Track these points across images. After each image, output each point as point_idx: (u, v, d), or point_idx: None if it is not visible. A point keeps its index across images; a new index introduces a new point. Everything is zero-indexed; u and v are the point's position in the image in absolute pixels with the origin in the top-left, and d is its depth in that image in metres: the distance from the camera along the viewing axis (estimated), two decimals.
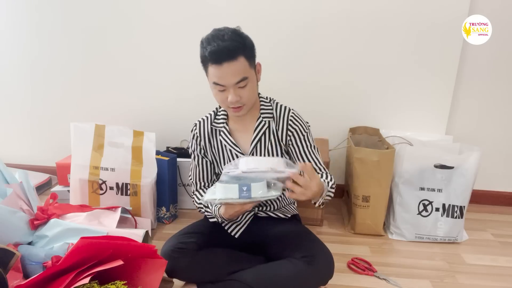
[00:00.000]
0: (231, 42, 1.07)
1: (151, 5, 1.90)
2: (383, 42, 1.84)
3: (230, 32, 1.10)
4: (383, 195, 1.64)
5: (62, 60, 2.04)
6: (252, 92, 1.17)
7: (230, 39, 1.08)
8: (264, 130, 1.27)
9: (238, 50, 1.08)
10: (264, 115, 1.27)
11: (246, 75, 1.12)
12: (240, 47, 1.09)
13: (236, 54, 1.08)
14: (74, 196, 1.71)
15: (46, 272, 1.02)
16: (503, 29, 1.77)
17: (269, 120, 1.27)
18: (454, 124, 1.94)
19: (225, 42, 1.07)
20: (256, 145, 1.27)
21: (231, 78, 1.11)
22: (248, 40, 1.14)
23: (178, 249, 1.21)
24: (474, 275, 1.44)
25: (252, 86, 1.16)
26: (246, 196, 1.03)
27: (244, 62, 1.11)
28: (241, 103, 1.16)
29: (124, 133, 1.67)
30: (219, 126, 1.30)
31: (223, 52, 1.07)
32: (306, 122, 1.30)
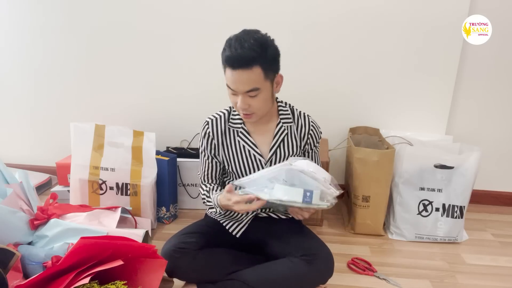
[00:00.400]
0: (249, 51, 1.06)
1: (151, 5, 1.90)
2: (383, 42, 1.84)
3: (253, 40, 1.08)
4: (383, 195, 1.64)
5: (62, 61, 2.04)
6: (263, 103, 1.15)
7: (249, 47, 1.07)
8: (284, 136, 1.28)
9: (254, 60, 1.07)
10: (284, 121, 1.28)
11: (258, 86, 1.11)
12: (256, 57, 1.07)
13: (251, 64, 1.07)
14: (74, 196, 1.71)
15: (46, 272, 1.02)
16: (503, 29, 1.77)
17: (289, 126, 1.28)
18: (454, 124, 1.95)
19: (243, 49, 1.07)
20: (276, 150, 1.28)
21: (242, 86, 1.11)
22: (271, 51, 1.12)
23: (179, 249, 1.21)
24: (474, 275, 1.44)
25: (264, 97, 1.15)
26: (308, 201, 1.06)
27: (259, 73, 1.09)
28: (250, 111, 1.16)
29: (124, 133, 1.67)
30: (236, 127, 1.28)
31: (238, 60, 1.07)
32: (320, 131, 1.34)
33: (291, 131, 1.29)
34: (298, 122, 1.29)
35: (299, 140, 1.29)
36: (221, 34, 1.88)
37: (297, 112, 1.31)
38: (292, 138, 1.29)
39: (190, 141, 2.05)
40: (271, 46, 1.13)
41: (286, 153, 1.29)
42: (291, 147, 1.29)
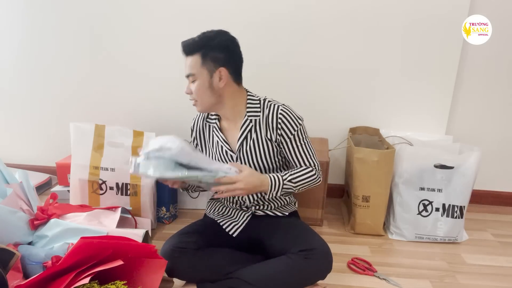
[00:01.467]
0: (194, 40, 1.21)
1: (151, 5, 1.90)
2: (383, 42, 1.84)
3: (202, 34, 1.22)
4: (383, 195, 1.64)
5: (62, 60, 2.04)
6: (200, 91, 1.24)
7: (197, 38, 1.22)
8: (249, 128, 1.29)
9: (195, 47, 1.20)
10: (250, 114, 1.29)
11: (194, 72, 1.22)
12: (199, 45, 1.20)
13: (192, 51, 1.21)
14: (74, 196, 1.71)
15: (46, 272, 1.02)
16: (503, 29, 1.77)
17: (255, 119, 1.28)
18: (454, 124, 1.95)
19: (191, 39, 1.22)
20: (242, 142, 1.30)
21: (185, 70, 1.25)
22: (217, 42, 1.21)
23: (178, 248, 1.21)
24: (474, 275, 1.44)
25: (200, 85, 1.23)
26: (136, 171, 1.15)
27: (197, 60, 1.21)
28: (193, 98, 1.27)
29: (124, 133, 1.67)
30: (211, 122, 1.36)
31: (185, 47, 1.23)
32: (299, 117, 1.28)
33: (257, 123, 1.28)
34: (265, 112, 1.27)
35: (268, 131, 1.27)
36: None
37: (267, 103, 1.28)
38: (259, 130, 1.28)
39: (190, 141, 2.04)
40: (216, 40, 1.21)
41: (255, 145, 1.29)
42: (258, 140, 1.28)
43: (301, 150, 1.29)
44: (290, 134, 1.27)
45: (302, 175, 1.26)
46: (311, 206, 1.74)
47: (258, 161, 1.30)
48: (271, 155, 1.30)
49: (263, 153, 1.29)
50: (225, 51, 1.21)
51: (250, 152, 1.29)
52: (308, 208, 1.74)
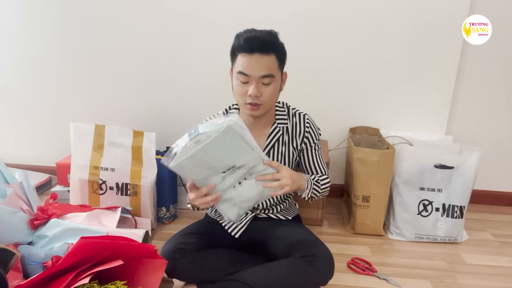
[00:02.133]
0: (267, 35, 1.11)
1: (151, 5, 1.90)
2: (383, 42, 1.84)
3: (265, 31, 1.14)
4: (383, 195, 1.64)
5: (62, 60, 2.04)
6: (273, 94, 1.17)
7: (266, 33, 1.12)
8: (278, 136, 1.29)
9: (272, 45, 1.11)
10: (279, 121, 1.29)
11: (274, 73, 1.13)
12: (274, 44, 1.12)
13: (269, 49, 1.11)
14: (74, 196, 1.71)
15: (46, 272, 1.02)
16: (503, 29, 1.77)
17: (284, 126, 1.29)
18: (454, 124, 1.95)
19: (261, 34, 1.11)
20: (269, 150, 1.29)
21: (258, 70, 1.11)
22: (282, 45, 1.17)
23: (178, 249, 1.21)
24: (474, 275, 1.44)
25: (275, 88, 1.16)
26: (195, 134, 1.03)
27: (275, 61, 1.12)
28: (260, 101, 1.15)
29: (124, 133, 1.67)
30: None
31: (258, 42, 1.09)
32: (318, 128, 1.34)
33: (286, 131, 1.30)
34: (293, 120, 1.30)
35: (294, 140, 1.30)
36: (222, 33, 1.90)
37: (293, 111, 1.32)
38: (286, 138, 1.29)
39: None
40: (281, 42, 1.17)
41: (280, 153, 1.30)
42: (286, 147, 1.30)
43: (317, 158, 1.34)
44: (312, 143, 1.32)
45: (324, 179, 1.32)
46: (311, 206, 1.74)
47: None
48: (292, 162, 1.32)
49: (287, 160, 1.31)
50: (286, 52, 1.19)
51: (276, 159, 1.30)
52: (308, 208, 1.74)
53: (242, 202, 1.11)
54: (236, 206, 1.11)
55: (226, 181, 1.08)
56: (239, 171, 1.07)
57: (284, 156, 1.31)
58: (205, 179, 1.07)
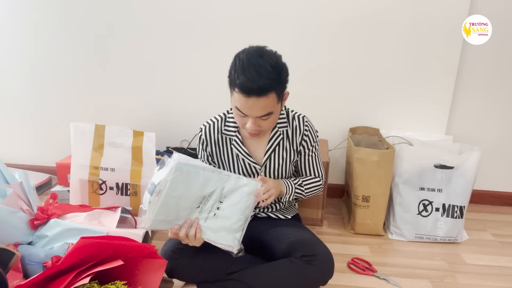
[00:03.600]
0: (266, 79, 1.04)
1: (151, 6, 1.90)
2: (383, 42, 1.84)
3: (269, 66, 1.05)
4: (383, 195, 1.64)
5: (62, 60, 2.04)
6: (272, 123, 1.18)
7: (266, 75, 1.04)
8: (279, 141, 1.29)
9: (270, 88, 1.06)
10: (280, 125, 1.28)
11: (272, 110, 1.11)
12: (273, 85, 1.06)
13: (267, 92, 1.06)
14: (74, 196, 1.71)
15: (46, 272, 1.01)
16: (503, 29, 1.77)
17: (284, 130, 1.29)
18: (454, 124, 1.95)
19: (260, 77, 1.03)
20: (270, 155, 1.29)
21: (255, 111, 1.10)
22: (284, 73, 1.11)
23: (178, 249, 1.21)
24: (474, 275, 1.44)
25: (275, 117, 1.17)
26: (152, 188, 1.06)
27: (273, 98, 1.09)
28: (258, 130, 1.17)
29: (124, 133, 1.67)
30: (230, 134, 1.28)
31: (254, 89, 1.04)
32: (316, 130, 1.34)
33: (286, 134, 1.29)
34: (292, 124, 1.30)
35: (294, 142, 1.30)
36: (222, 34, 1.90)
37: (292, 114, 1.31)
38: (287, 142, 1.30)
39: (190, 141, 2.05)
40: (284, 68, 1.11)
41: (281, 157, 1.30)
42: (286, 151, 1.30)
43: (313, 160, 1.35)
44: (310, 146, 1.32)
45: (310, 183, 1.34)
46: (311, 206, 1.74)
47: (281, 171, 1.32)
48: (290, 165, 1.33)
49: (287, 162, 1.32)
50: (288, 75, 1.14)
51: (276, 163, 1.30)
52: (308, 208, 1.74)
53: (232, 224, 1.12)
54: (229, 231, 1.12)
55: (204, 213, 1.12)
56: (212, 198, 1.12)
57: (285, 159, 1.31)
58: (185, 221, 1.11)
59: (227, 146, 1.30)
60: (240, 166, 1.30)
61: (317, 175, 1.36)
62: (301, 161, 1.34)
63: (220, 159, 1.32)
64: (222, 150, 1.31)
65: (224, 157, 1.31)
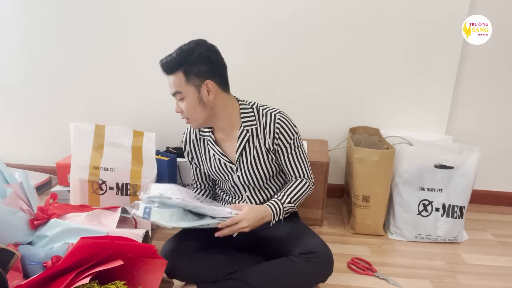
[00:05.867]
0: (173, 58, 1.16)
1: (151, 5, 1.90)
2: (383, 42, 1.84)
3: (179, 49, 1.17)
4: (383, 195, 1.64)
5: (62, 60, 2.04)
6: (191, 108, 1.20)
7: (175, 54, 1.16)
8: (247, 138, 1.27)
9: (176, 65, 1.16)
10: (245, 124, 1.27)
11: (180, 89, 1.18)
12: (179, 62, 1.15)
13: (173, 69, 1.17)
14: (74, 196, 1.71)
15: (46, 272, 1.01)
16: (503, 29, 1.77)
17: (251, 128, 1.27)
18: (454, 124, 1.95)
19: (170, 57, 1.17)
20: (241, 153, 1.29)
21: (170, 89, 1.21)
22: (195, 57, 1.16)
23: (178, 249, 1.21)
24: (474, 275, 1.44)
25: (190, 102, 1.19)
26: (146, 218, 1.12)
27: (181, 77, 1.17)
28: (184, 116, 1.23)
29: (124, 133, 1.67)
30: (205, 135, 1.34)
31: (164, 66, 1.19)
32: (295, 125, 1.29)
33: (255, 132, 1.27)
34: (262, 120, 1.27)
35: (266, 141, 1.27)
36: (222, 33, 1.90)
37: (263, 111, 1.27)
38: (257, 140, 1.27)
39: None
40: (197, 53, 1.16)
41: (253, 156, 1.28)
42: (257, 150, 1.28)
43: (295, 159, 1.30)
44: (286, 143, 1.27)
45: (298, 191, 1.28)
46: (311, 206, 1.74)
47: (257, 170, 1.30)
48: (269, 164, 1.31)
49: (262, 162, 1.30)
50: (207, 63, 1.17)
51: (250, 162, 1.29)
52: (308, 208, 1.74)
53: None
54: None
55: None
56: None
57: (259, 159, 1.29)
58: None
59: (204, 147, 1.34)
60: (217, 165, 1.32)
61: (301, 175, 1.31)
62: (282, 161, 1.30)
63: (201, 160, 1.37)
64: (200, 151, 1.36)
65: (204, 157, 1.36)
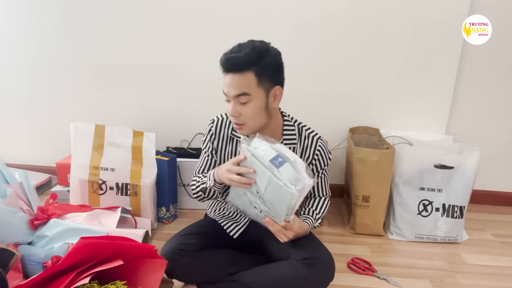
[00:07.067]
0: (244, 55, 1.06)
1: (151, 5, 1.90)
2: (383, 42, 1.85)
3: (251, 47, 1.07)
4: (383, 195, 1.64)
5: (62, 60, 2.04)
6: (254, 113, 1.11)
7: (245, 52, 1.06)
8: None
9: (248, 64, 1.06)
10: (286, 141, 1.25)
11: (249, 91, 1.08)
12: (252, 62, 1.06)
13: (244, 68, 1.07)
14: (74, 196, 1.71)
15: (46, 272, 1.02)
16: (503, 29, 1.77)
17: (291, 146, 1.24)
18: (454, 124, 1.95)
19: (239, 53, 1.06)
20: None
21: (232, 90, 1.09)
22: (269, 60, 1.09)
23: (178, 250, 1.20)
24: (474, 275, 1.44)
25: (256, 106, 1.11)
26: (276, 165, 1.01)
27: (252, 79, 1.07)
28: (241, 121, 1.14)
29: (124, 133, 1.67)
30: (238, 136, 1.26)
31: (231, 63, 1.07)
32: (329, 152, 1.30)
33: (294, 151, 1.24)
34: (304, 143, 1.26)
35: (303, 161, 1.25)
36: (222, 33, 1.90)
37: (305, 133, 1.26)
38: None
39: (190, 141, 2.05)
40: (271, 56, 1.10)
41: None
42: None
43: (322, 181, 1.32)
44: (320, 168, 1.29)
45: (323, 209, 1.32)
46: None
47: None
48: None
49: None
50: (278, 67, 1.12)
51: None
52: None
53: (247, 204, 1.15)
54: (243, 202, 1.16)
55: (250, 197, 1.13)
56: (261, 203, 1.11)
57: None
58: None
59: (232, 146, 1.28)
60: None
61: (324, 194, 1.34)
62: None
63: (223, 157, 1.29)
64: (226, 148, 1.28)
65: (227, 155, 1.29)
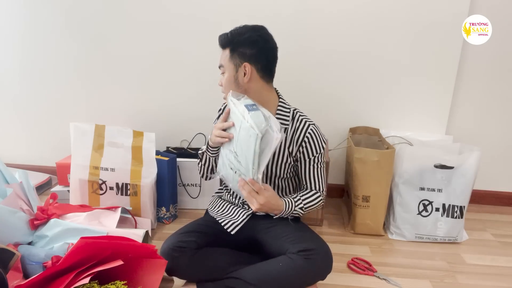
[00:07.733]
0: (226, 34, 1.24)
1: (151, 5, 1.90)
2: (383, 42, 1.85)
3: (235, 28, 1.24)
4: (383, 195, 1.64)
5: (62, 60, 2.04)
6: (225, 84, 1.27)
7: (229, 32, 1.24)
8: None
9: (226, 42, 1.24)
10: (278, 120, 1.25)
11: (223, 63, 1.26)
12: (229, 40, 1.23)
13: (224, 45, 1.25)
14: (74, 196, 1.71)
15: (46, 272, 1.02)
16: (503, 29, 1.77)
17: (284, 127, 1.27)
18: (454, 124, 1.95)
19: (225, 34, 1.25)
20: None
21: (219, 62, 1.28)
22: (246, 38, 1.21)
23: (178, 247, 1.21)
24: (474, 275, 1.44)
25: (227, 78, 1.26)
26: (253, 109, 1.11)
27: (227, 54, 1.24)
28: (222, 90, 1.30)
29: (124, 133, 1.67)
30: None
31: (219, 40, 1.26)
32: (324, 141, 1.31)
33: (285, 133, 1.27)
34: (295, 125, 1.29)
35: (291, 145, 1.28)
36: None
37: (299, 117, 1.30)
38: (283, 141, 1.28)
39: (190, 141, 2.05)
40: (249, 36, 1.21)
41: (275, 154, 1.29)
42: (281, 148, 1.29)
43: (314, 173, 1.32)
44: (310, 155, 1.30)
45: (311, 202, 1.30)
46: None
47: (272, 168, 1.31)
48: (286, 167, 1.31)
49: (280, 162, 1.30)
50: (253, 47, 1.21)
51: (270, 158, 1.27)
52: None
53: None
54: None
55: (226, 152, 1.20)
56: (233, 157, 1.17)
57: (277, 158, 1.30)
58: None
59: None
60: None
61: (316, 188, 1.32)
62: (301, 170, 1.32)
63: None
64: None
65: None
